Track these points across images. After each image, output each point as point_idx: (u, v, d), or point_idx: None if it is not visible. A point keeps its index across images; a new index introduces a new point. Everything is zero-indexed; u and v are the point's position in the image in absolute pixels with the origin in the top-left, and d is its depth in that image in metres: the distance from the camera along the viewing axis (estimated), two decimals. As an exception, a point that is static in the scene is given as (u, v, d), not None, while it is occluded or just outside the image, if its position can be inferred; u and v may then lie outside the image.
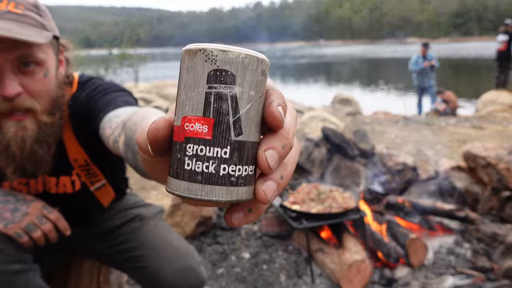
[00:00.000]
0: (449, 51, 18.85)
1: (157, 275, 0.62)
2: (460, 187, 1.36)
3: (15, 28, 0.42)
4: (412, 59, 4.70)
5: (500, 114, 3.88)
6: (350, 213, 1.06)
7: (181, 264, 0.63)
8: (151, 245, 0.65)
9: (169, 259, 0.63)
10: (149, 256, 0.64)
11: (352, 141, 1.60)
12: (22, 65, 0.44)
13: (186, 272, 0.63)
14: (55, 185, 0.60)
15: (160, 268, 0.62)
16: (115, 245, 0.67)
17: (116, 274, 0.86)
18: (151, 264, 0.63)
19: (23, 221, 0.51)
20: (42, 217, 0.53)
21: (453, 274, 1.03)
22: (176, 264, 0.63)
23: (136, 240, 0.66)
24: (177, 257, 0.64)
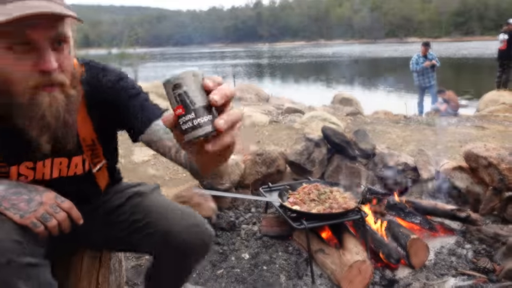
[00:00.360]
0: (449, 51, 18.87)
1: (167, 236, 0.64)
2: (462, 188, 1.36)
3: (53, 6, 0.45)
4: (413, 58, 4.68)
5: (502, 114, 3.87)
6: (351, 213, 1.05)
7: (190, 222, 0.65)
8: (156, 211, 0.67)
9: (176, 219, 0.65)
10: (156, 222, 0.65)
11: (352, 141, 1.60)
12: (56, 43, 0.47)
13: (195, 228, 0.65)
14: (67, 166, 0.60)
15: (169, 229, 0.64)
16: (120, 223, 0.67)
17: (115, 275, 0.85)
18: (160, 228, 0.65)
19: (39, 211, 0.52)
20: (56, 206, 0.54)
21: (455, 275, 1.02)
22: (184, 222, 0.65)
23: (140, 212, 0.67)
24: (184, 217, 0.66)
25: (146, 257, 1.12)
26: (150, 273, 0.76)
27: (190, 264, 0.69)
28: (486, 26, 49.16)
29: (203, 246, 0.66)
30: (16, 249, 0.50)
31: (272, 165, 1.52)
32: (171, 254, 0.66)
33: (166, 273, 0.71)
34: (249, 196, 1.31)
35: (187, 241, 0.64)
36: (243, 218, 1.34)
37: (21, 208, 0.52)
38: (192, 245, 0.65)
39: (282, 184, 1.34)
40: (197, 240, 0.65)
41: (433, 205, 1.25)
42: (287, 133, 2.88)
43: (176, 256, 0.66)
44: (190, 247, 0.65)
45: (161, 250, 0.66)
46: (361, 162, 1.59)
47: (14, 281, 0.49)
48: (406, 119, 3.73)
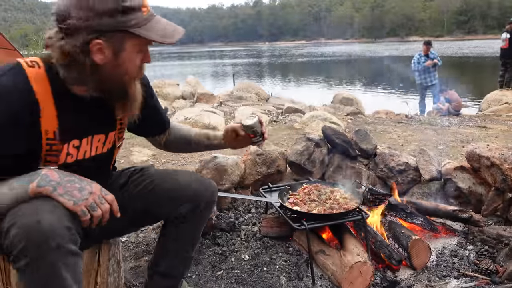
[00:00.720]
0: (451, 49, 18.82)
1: (177, 188, 0.74)
2: (464, 188, 1.34)
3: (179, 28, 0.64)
4: (414, 58, 4.65)
5: (505, 114, 3.84)
6: (352, 214, 1.04)
7: (194, 176, 0.79)
8: (161, 174, 0.77)
9: (182, 175, 0.77)
10: (164, 180, 0.75)
11: (353, 141, 1.59)
12: None
13: (202, 179, 0.79)
14: (103, 143, 0.68)
15: (178, 182, 0.75)
16: (131, 193, 0.75)
17: (113, 276, 0.85)
18: (169, 184, 0.75)
19: (89, 200, 0.56)
20: (102, 198, 0.58)
21: (457, 277, 1.01)
22: (190, 177, 0.77)
23: (145, 179, 0.76)
24: (189, 173, 0.80)
25: (145, 258, 1.11)
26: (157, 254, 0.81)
27: (200, 216, 0.77)
28: (489, 25, 48.81)
29: (211, 194, 0.77)
30: (65, 235, 0.52)
31: (272, 165, 1.51)
32: (183, 205, 0.74)
33: (176, 236, 0.77)
34: (249, 197, 1.31)
35: (196, 188, 0.75)
36: (243, 218, 1.34)
37: (75, 195, 0.55)
38: (201, 192, 0.75)
39: (282, 184, 1.33)
40: (204, 188, 0.76)
41: (434, 206, 1.24)
42: (287, 133, 2.87)
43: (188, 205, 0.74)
44: (199, 194, 0.75)
45: (173, 204, 0.74)
46: (362, 162, 1.58)
47: (58, 266, 0.52)
48: (407, 119, 3.71)
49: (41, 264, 0.51)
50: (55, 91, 0.58)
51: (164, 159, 2.15)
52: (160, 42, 0.57)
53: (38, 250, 0.50)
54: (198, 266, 1.06)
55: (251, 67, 15.56)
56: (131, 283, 0.99)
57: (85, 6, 0.52)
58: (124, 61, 0.58)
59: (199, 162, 1.43)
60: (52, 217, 0.52)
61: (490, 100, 4.76)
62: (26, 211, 0.52)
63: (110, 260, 0.82)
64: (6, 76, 0.55)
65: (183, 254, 0.80)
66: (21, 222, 0.51)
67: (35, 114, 0.56)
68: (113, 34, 0.55)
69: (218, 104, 4.66)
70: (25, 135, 0.56)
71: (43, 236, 0.50)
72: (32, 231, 0.50)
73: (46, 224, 0.51)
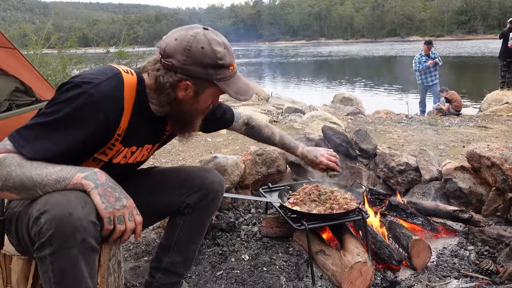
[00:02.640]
0: (448, 49, 18.87)
1: (188, 177, 0.78)
2: (464, 188, 1.34)
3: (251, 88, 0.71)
4: (415, 57, 4.65)
5: (505, 114, 3.84)
6: (352, 214, 1.04)
7: (202, 167, 0.84)
8: (168, 168, 0.82)
9: (189, 167, 0.83)
10: (170, 173, 0.80)
11: (353, 141, 1.58)
12: None
13: (210, 170, 0.82)
14: (148, 152, 0.75)
15: (188, 172, 0.79)
16: (137, 190, 0.76)
17: (114, 276, 0.85)
18: (179, 175, 0.79)
19: (120, 211, 0.58)
20: (132, 215, 0.60)
21: (457, 277, 1.01)
22: (199, 167, 0.82)
23: (153, 176, 0.80)
24: (196, 166, 0.87)
25: (145, 258, 1.11)
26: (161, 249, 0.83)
27: (208, 206, 0.79)
28: (489, 25, 48.70)
29: (220, 184, 0.81)
30: (91, 230, 0.54)
31: (272, 165, 1.51)
32: (193, 193, 0.77)
33: (184, 228, 0.79)
34: (249, 197, 1.31)
35: (206, 177, 0.78)
36: (243, 218, 1.33)
37: (110, 201, 0.57)
38: (211, 180, 0.79)
39: (282, 184, 1.33)
40: (214, 178, 0.80)
41: (434, 206, 1.24)
42: (288, 133, 2.86)
43: (198, 194, 0.78)
44: (209, 183, 0.78)
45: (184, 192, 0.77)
46: (362, 162, 1.58)
47: (79, 259, 0.54)
48: (407, 119, 3.70)
49: (64, 255, 0.52)
50: (137, 102, 0.66)
51: (164, 159, 2.15)
52: (234, 97, 0.65)
53: (65, 241, 0.52)
54: (198, 266, 1.06)
55: (248, 67, 15.60)
56: (131, 283, 0.99)
57: (189, 55, 0.62)
58: (200, 101, 0.67)
59: (199, 162, 1.43)
60: (82, 211, 0.53)
61: (490, 100, 4.75)
62: (59, 201, 0.53)
63: (110, 260, 0.82)
64: (107, 82, 0.62)
65: (188, 249, 0.81)
66: (53, 211, 0.52)
67: (119, 116, 0.64)
68: (201, 81, 0.64)
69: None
70: (106, 134, 0.63)
71: (72, 228, 0.52)
72: (63, 221, 0.52)
73: (76, 217, 0.52)
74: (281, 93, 6.57)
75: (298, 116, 3.70)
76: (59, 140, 0.57)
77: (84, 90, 0.58)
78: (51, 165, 0.56)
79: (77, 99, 0.57)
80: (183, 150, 2.38)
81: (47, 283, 0.54)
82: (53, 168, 0.56)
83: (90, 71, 0.63)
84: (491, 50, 13.48)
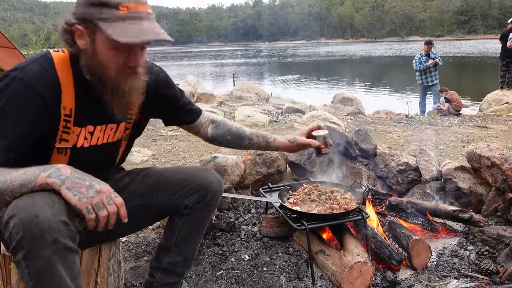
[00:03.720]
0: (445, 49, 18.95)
1: (186, 178, 0.76)
2: (464, 188, 1.34)
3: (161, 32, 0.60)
4: (416, 57, 4.65)
5: (505, 114, 3.84)
6: (352, 214, 1.04)
7: (202, 167, 0.81)
8: (167, 168, 0.80)
9: (187, 168, 0.81)
10: (169, 173, 0.78)
11: (353, 141, 1.58)
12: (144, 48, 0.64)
13: (209, 170, 0.80)
14: (114, 132, 0.70)
15: (186, 173, 0.77)
16: (136, 190, 0.76)
17: (114, 276, 0.85)
18: (177, 175, 0.77)
19: (95, 198, 0.55)
20: (110, 199, 0.57)
21: (457, 277, 1.01)
22: (197, 168, 0.80)
23: (151, 176, 0.78)
24: (194, 167, 0.85)
25: (144, 258, 1.11)
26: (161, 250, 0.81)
27: (207, 206, 0.78)
28: (489, 25, 48.66)
29: (218, 184, 0.79)
30: (62, 230, 0.53)
31: (272, 165, 1.51)
32: (191, 195, 0.76)
33: (183, 229, 0.78)
34: (249, 197, 1.30)
35: (204, 177, 0.76)
36: (243, 218, 1.33)
37: (81, 192, 0.55)
38: (209, 181, 0.77)
39: (282, 184, 1.33)
40: (213, 178, 0.78)
41: (434, 206, 1.23)
42: (288, 133, 2.87)
43: (196, 195, 0.76)
44: (207, 184, 0.76)
45: (182, 193, 0.75)
46: (362, 162, 1.58)
47: (54, 260, 0.52)
48: (407, 119, 3.70)
49: (37, 257, 0.51)
50: (76, 76, 0.63)
51: (164, 159, 2.15)
52: (115, 40, 0.56)
53: (34, 243, 0.51)
54: (198, 266, 1.06)
55: (248, 67, 15.63)
56: (131, 283, 0.99)
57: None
58: (99, 52, 0.60)
59: (199, 162, 1.42)
60: (50, 211, 0.52)
61: (490, 100, 4.75)
62: (26, 204, 0.52)
63: (110, 260, 0.82)
64: (34, 63, 0.60)
65: (187, 249, 0.80)
66: (20, 215, 0.51)
67: (57, 93, 0.60)
68: (88, 24, 0.58)
69: (218, 104, 4.66)
70: (50, 114, 0.60)
71: (39, 230, 0.51)
72: (29, 224, 0.51)
73: (43, 219, 0.51)
74: (281, 93, 6.57)
75: (298, 116, 3.70)
76: (10, 134, 0.56)
77: (12, 77, 0.57)
78: (14, 170, 0.55)
79: (8, 87, 0.56)
80: (183, 150, 2.38)
81: (26, 287, 0.53)
82: (16, 172, 0.54)
83: None
84: (490, 50, 13.54)
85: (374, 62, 16.51)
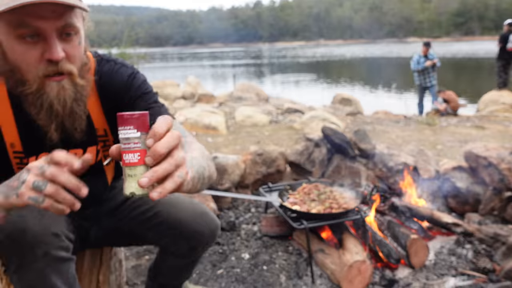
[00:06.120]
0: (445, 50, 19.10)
1: (177, 225, 0.65)
2: (461, 188, 1.35)
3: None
4: (414, 58, 4.68)
5: (502, 114, 3.87)
6: (351, 213, 1.05)
7: (198, 211, 0.67)
8: (164, 201, 0.67)
9: (185, 208, 0.67)
10: (165, 211, 0.66)
11: (352, 141, 1.59)
12: (64, 34, 0.48)
13: (205, 216, 0.68)
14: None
15: (179, 218, 0.65)
16: (128, 215, 0.68)
17: (115, 275, 0.85)
18: (169, 217, 0.66)
19: (29, 179, 0.39)
20: (43, 166, 0.39)
21: (455, 275, 1.02)
22: (193, 211, 0.67)
23: (147, 203, 0.67)
24: (193, 206, 0.68)
25: (146, 257, 1.12)
26: (155, 267, 0.77)
27: (197, 253, 0.71)
28: (486, 27, 49.02)
29: (211, 234, 0.68)
30: (53, 242, 0.51)
31: (272, 165, 1.52)
32: (181, 243, 0.67)
33: (173, 263, 0.72)
34: (249, 196, 1.31)
35: (196, 229, 0.66)
36: (243, 218, 1.34)
37: (13, 186, 0.40)
38: (201, 233, 0.66)
39: (282, 184, 1.34)
40: (205, 229, 0.67)
41: (429, 214, 1.22)
42: (287, 133, 2.88)
43: (186, 245, 0.67)
44: (199, 235, 0.66)
45: (171, 239, 0.67)
46: (361, 162, 1.59)
47: (46, 272, 0.51)
48: (406, 119, 3.72)
49: (29, 270, 0.50)
50: (12, 101, 0.50)
51: (164, 159, 2.14)
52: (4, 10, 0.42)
53: (23, 258, 0.50)
54: (199, 265, 1.06)
55: (248, 68, 15.66)
56: (132, 282, 0.99)
57: None
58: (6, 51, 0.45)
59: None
60: (38, 224, 0.50)
61: (487, 100, 4.79)
62: (13, 219, 0.49)
63: (112, 259, 0.83)
64: None
65: (179, 277, 0.77)
66: (7, 231, 0.49)
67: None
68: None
69: (218, 105, 4.66)
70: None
71: (28, 245, 0.49)
72: (17, 240, 0.49)
73: (30, 233, 0.49)
74: (281, 94, 6.58)
75: (297, 116, 3.71)
76: None
77: None
78: None
79: None
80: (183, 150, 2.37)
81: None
82: None
83: None
84: (487, 51, 13.68)
85: (374, 63, 16.60)
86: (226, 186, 1.35)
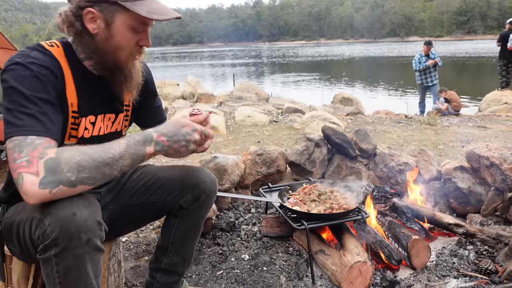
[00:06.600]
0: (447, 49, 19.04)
1: (178, 181, 0.76)
2: (463, 188, 1.34)
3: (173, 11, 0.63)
4: (415, 57, 4.66)
5: (504, 114, 3.85)
6: (351, 214, 1.04)
7: (194, 168, 0.80)
8: (161, 168, 0.80)
9: (181, 168, 0.79)
10: (164, 174, 0.77)
11: (353, 141, 1.59)
12: None
13: (202, 170, 0.79)
14: (112, 122, 0.70)
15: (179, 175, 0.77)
16: (132, 190, 0.77)
17: (114, 276, 0.85)
18: (169, 177, 0.76)
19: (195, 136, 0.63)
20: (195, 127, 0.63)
21: (456, 277, 1.01)
22: (190, 168, 0.79)
23: (145, 176, 0.78)
24: (188, 166, 0.81)
25: (145, 258, 1.12)
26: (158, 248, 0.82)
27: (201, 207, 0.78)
28: (488, 25, 48.77)
29: (212, 183, 0.79)
30: (96, 230, 0.54)
31: (272, 165, 1.51)
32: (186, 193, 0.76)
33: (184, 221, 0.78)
34: (249, 197, 1.31)
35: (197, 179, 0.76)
36: (243, 218, 1.34)
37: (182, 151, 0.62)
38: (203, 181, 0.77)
39: (282, 184, 1.33)
40: (207, 178, 0.77)
41: (431, 214, 1.22)
42: (287, 133, 2.87)
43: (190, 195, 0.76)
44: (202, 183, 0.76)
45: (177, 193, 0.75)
46: (361, 162, 1.59)
47: (84, 259, 0.53)
48: (407, 119, 3.71)
49: (70, 255, 0.52)
50: (73, 68, 0.62)
51: (164, 159, 2.15)
52: (146, 17, 0.58)
53: (70, 241, 0.51)
54: (198, 266, 1.06)
55: (248, 67, 15.67)
56: (131, 283, 0.99)
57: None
58: (116, 34, 0.60)
59: (199, 162, 1.43)
60: (86, 211, 0.53)
61: (489, 100, 4.76)
62: (63, 203, 0.52)
63: (110, 260, 0.83)
64: (35, 51, 0.59)
65: (185, 249, 0.80)
66: (57, 213, 0.52)
67: (62, 81, 0.60)
68: (105, 6, 0.59)
69: (218, 104, 4.66)
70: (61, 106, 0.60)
71: (76, 229, 0.52)
72: (67, 222, 0.51)
73: (80, 218, 0.52)
74: (281, 93, 6.58)
75: (298, 116, 3.71)
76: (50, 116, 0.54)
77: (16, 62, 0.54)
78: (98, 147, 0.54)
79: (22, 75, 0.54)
80: (183, 150, 2.37)
81: (51, 284, 0.54)
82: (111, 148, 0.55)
83: None
84: (489, 51, 13.64)
85: (375, 62, 16.55)
86: (226, 187, 1.34)
